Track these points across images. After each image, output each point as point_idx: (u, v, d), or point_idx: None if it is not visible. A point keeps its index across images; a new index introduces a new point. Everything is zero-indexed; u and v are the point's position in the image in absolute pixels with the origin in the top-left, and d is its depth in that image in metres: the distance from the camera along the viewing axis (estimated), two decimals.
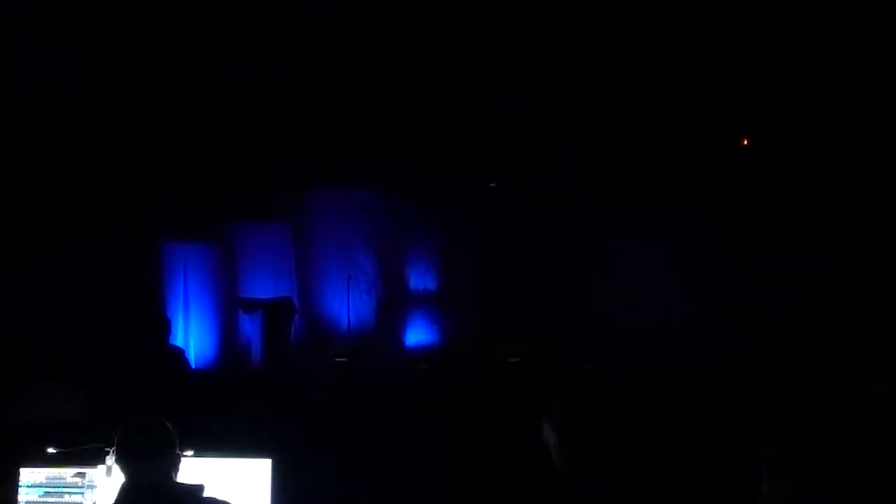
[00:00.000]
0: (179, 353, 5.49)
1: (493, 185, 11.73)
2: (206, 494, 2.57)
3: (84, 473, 3.16)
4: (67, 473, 3.17)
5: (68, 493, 3.16)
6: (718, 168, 9.64)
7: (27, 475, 3.17)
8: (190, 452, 3.09)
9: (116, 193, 9.08)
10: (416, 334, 11.36)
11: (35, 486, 3.17)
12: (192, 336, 9.86)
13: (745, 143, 10.06)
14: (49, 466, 3.19)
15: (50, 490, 3.16)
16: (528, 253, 11.71)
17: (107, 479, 3.05)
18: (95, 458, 3.15)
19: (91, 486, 3.15)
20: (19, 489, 3.14)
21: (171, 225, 10.11)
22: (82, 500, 3.14)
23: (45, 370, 4.43)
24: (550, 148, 10.82)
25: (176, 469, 2.60)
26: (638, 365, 9.29)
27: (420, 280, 11.96)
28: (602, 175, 10.37)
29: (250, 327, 10.01)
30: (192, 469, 2.91)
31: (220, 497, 2.59)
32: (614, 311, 9.84)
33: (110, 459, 2.87)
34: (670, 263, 9.71)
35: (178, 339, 8.36)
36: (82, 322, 8.62)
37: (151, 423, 2.61)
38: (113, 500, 2.58)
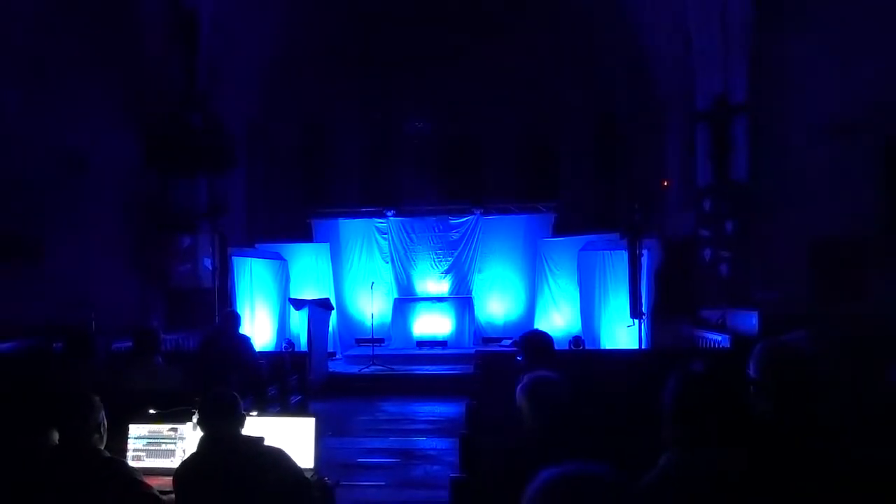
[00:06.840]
0: (246, 340, 5.51)
1: (480, 212, 11.81)
2: (265, 444, 2.60)
3: (177, 428, 3.20)
4: (164, 428, 3.21)
5: (164, 442, 3.19)
6: None
7: (134, 430, 3.20)
8: (254, 413, 3.13)
9: (199, 220, 9.11)
10: (422, 326, 11.36)
11: (140, 438, 3.20)
12: (256, 327, 9.87)
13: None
14: (150, 423, 3.23)
15: (151, 441, 3.20)
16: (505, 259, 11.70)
17: (193, 432, 3.09)
18: (185, 418, 3.19)
19: (182, 438, 3.18)
20: (129, 440, 3.19)
21: (239, 244, 10.19)
22: (175, 448, 3.18)
23: (150, 352, 4.44)
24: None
25: (242, 425, 2.63)
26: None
27: (423, 285, 12.01)
28: None
29: (299, 320, 10.03)
30: (254, 426, 2.95)
31: (275, 446, 2.62)
32: None
33: (196, 418, 2.91)
34: None
35: (245, 329, 8.38)
36: (176, 317, 8.67)
37: (223, 393, 2.64)
38: (196, 448, 2.61)
